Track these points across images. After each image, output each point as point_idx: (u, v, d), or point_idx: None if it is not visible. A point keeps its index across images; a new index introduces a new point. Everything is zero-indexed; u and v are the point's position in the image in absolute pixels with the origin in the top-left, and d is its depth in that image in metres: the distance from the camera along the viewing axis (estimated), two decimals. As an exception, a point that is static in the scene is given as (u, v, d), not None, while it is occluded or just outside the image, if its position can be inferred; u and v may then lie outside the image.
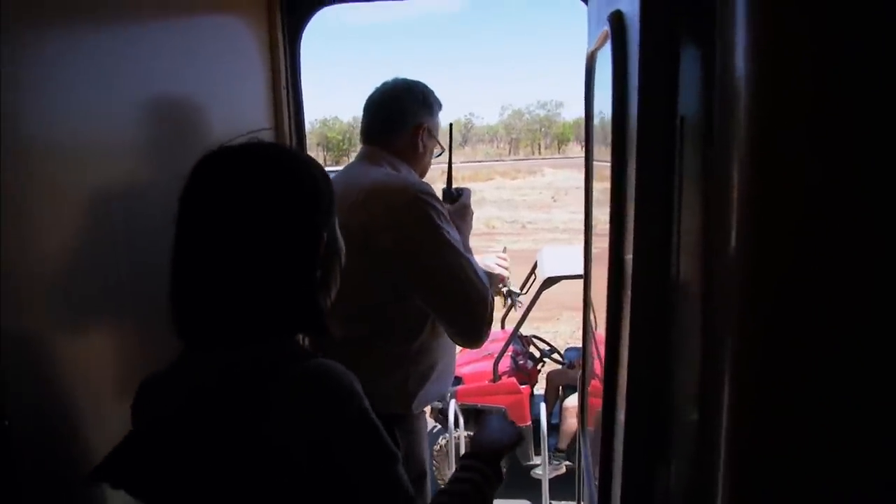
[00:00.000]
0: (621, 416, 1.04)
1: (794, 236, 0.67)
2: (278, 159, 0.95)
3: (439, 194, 1.68)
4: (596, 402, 1.33)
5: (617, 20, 0.91)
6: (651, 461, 0.99)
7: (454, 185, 1.77)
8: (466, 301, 1.50)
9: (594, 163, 1.57)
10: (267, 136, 1.71)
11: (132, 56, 1.20)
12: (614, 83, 0.91)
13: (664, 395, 0.95)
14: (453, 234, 1.53)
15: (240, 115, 1.62)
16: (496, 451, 1.11)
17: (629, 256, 0.96)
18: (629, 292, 0.93)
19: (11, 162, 0.89)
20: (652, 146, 0.83)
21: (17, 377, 0.91)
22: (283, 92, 1.74)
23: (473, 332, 1.54)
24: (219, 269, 0.88)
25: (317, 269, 0.93)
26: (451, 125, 1.76)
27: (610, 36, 0.92)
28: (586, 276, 1.80)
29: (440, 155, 1.77)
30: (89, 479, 0.92)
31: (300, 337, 1.09)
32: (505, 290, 1.84)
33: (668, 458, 0.96)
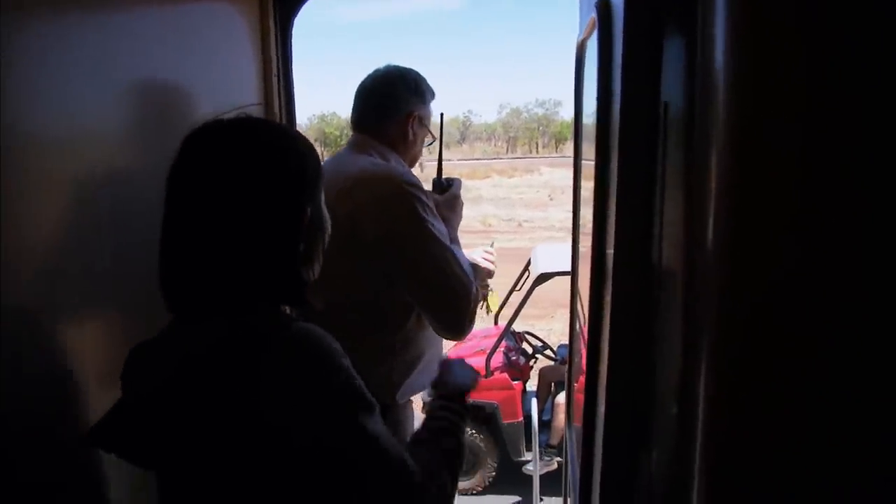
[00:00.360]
0: (602, 406, 1.04)
1: (772, 227, 0.67)
2: (263, 133, 0.98)
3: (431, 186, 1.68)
4: (582, 398, 1.33)
5: (604, 7, 0.91)
6: (631, 451, 0.99)
7: (444, 176, 1.77)
8: (450, 294, 1.50)
9: (582, 162, 1.57)
10: (256, 114, 1.72)
11: (122, 43, 1.20)
12: (599, 69, 0.92)
13: (645, 385, 0.95)
14: (439, 227, 1.52)
15: (231, 101, 1.61)
16: (461, 391, 1.21)
17: (611, 248, 0.96)
18: (610, 281, 0.93)
19: (2, 152, 0.89)
20: (635, 132, 0.84)
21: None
22: (274, 79, 1.74)
23: (456, 325, 1.54)
24: (204, 240, 0.91)
25: (300, 242, 0.95)
26: (441, 115, 1.74)
27: (597, 23, 0.93)
28: (573, 274, 1.81)
29: (430, 144, 1.76)
30: (83, 444, 0.96)
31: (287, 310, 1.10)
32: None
33: (649, 447, 0.96)
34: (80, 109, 1.10)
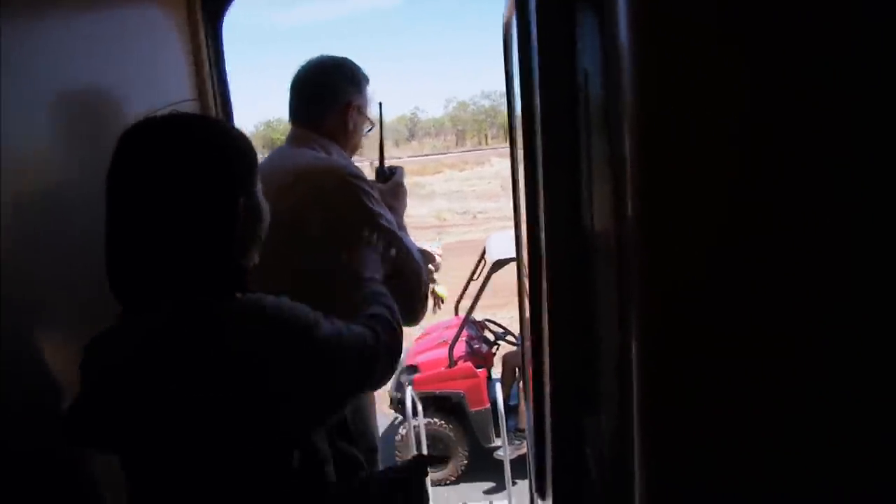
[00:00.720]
0: (548, 377, 1.07)
1: (683, 200, 0.69)
2: (193, 128, 1.03)
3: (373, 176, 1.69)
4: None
5: (520, -15, 0.94)
6: (578, 418, 1.03)
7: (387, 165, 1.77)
8: (402, 281, 1.51)
9: (518, 151, 1.59)
10: (191, 110, 1.70)
11: (47, 48, 1.18)
12: (519, 48, 0.95)
13: (586, 355, 0.99)
14: (386, 216, 1.53)
15: (163, 100, 1.59)
16: None
17: (543, 229, 0.99)
18: (544, 246, 0.97)
19: None
20: (555, 103, 0.87)
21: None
22: (207, 76, 1.72)
23: (411, 310, 1.56)
24: (144, 233, 0.96)
25: (235, 230, 0.99)
26: (380, 104, 1.74)
27: (515, 0, 0.95)
28: (519, 260, 1.85)
29: (370, 131, 1.75)
30: (58, 442, 1.00)
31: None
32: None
33: (597, 413, 1.00)
34: (6, 116, 1.08)
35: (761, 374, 0.71)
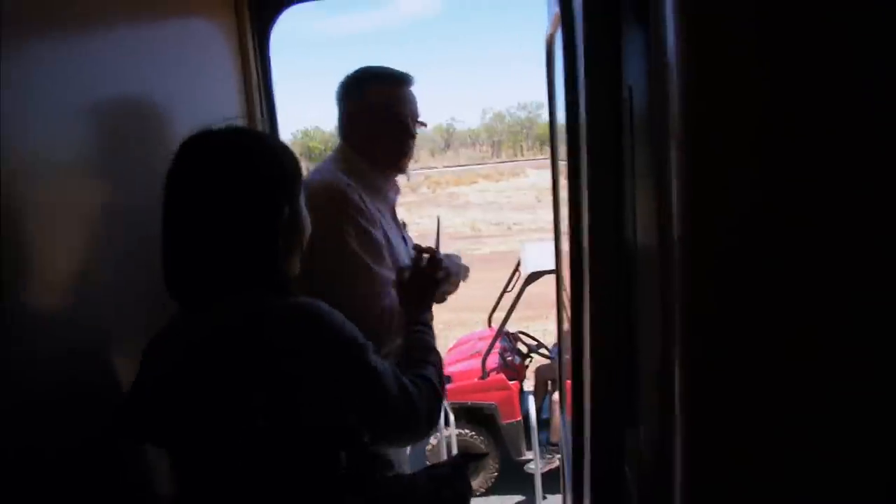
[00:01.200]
0: (588, 389, 1.07)
1: (730, 212, 0.69)
2: (245, 141, 1.10)
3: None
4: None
5: (566, 0, 0.95)
6: (618, 429, 1.03)
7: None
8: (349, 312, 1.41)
9: (559, 162, 1.59)
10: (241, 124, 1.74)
11: (100, 62, 1.22)
12: (565, 61, 0.96)
13: (627, 366, 0.99)
14: (365, 239, 1.49)
15: (213, 116, 1.64)
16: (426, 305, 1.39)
17: (587, 241, 0.99)
18: (587, 258, 0.97)
19: None
20: (601, 118, 0.87)
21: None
22: (255, 92, 1.76)
23: None
24: (196, 237, 1.03)
25: (278, 237, 1.06)
26: (438, 218, 1.65)
27: (560, 16, 0.97)
28: (558, 272, 1.84)
29: (402, 129, 1.63)
30: (105, 433, 1.05)
31: None
32: None
33: (636, 424, 1.00)
34: (60, 129, 1.11)
35: (805, 389, 0.71)
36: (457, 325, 8.89)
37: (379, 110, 1.61)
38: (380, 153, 1.63)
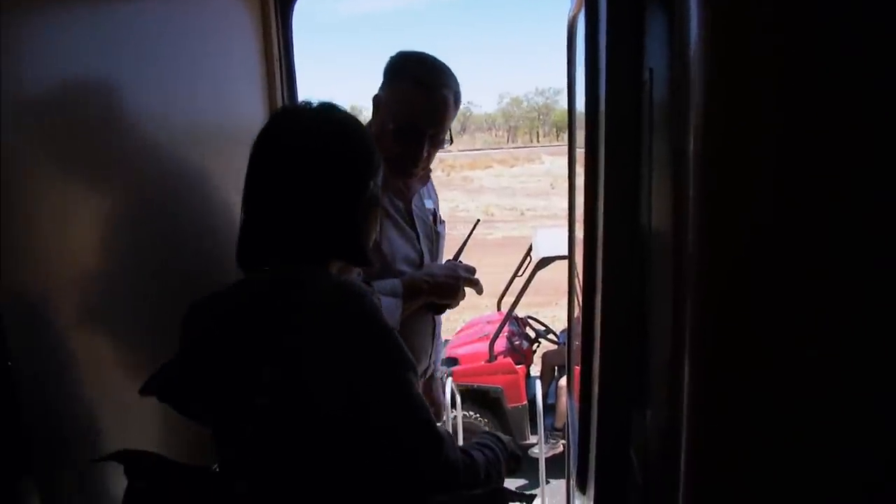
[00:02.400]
0: (597, 371, 1.07)
1: (749, 205, 0.69)
2: (340, 116, 1.12)
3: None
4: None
5: (589, -19, 0.94)
6: (625, 411, 1.03)
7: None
8: None
9: (577, 150, 1.58)
10: (261, 107, 1.75)
11: (124, 37, 1.23)
12: (587, 42, 0.95)
13: (637, 351, 0.99)
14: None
15: (234, 89, 1.64)
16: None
17: (601, 228, 0.99)
18: (601, 244, 0.97)
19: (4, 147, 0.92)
20: (620, 97, 0.87)
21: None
22: (276, 67, 1.76)
23: None
24: (287, 199, 1.05)
25: (361, 210, 1.09)
26: (476, 222, 1.68)
27: (583, -3, 0.96)
28: (570, 259, 1.84)
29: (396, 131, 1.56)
30: (141, 394, 1.04)
31: None
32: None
33: (643, 408, 1.00)
34: (84, 99, 1.13)
35: (814, 383, 0.71)
36: (468, 308, 8.90)
37: (392, 108, 1.58)
38: (385, 151, 1.57)
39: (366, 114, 1.71)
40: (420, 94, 1.55)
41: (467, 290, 1.71)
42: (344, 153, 1.08)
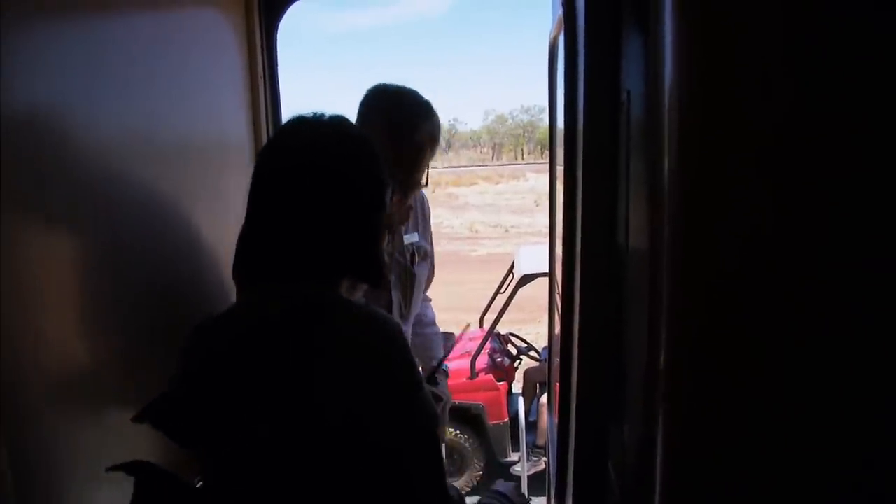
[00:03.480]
0: (574, 385, 1.09)
1: (719, 217, 0.71)
2: (353, 130, 1.08)
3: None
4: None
5: (569, 4, 0.97)
6: (602, 425, 1.04)
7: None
8: None
9: (558, 167, 1.60)
10: (245, 123, 1.75)
11: (110, 50, 1.23)
12: (566, 64, 0.97)
13: (614, 366, 1.00)
14: None
15: (217, 106, 1.65)
16: None
17: (579, 242, 1.01)
18: (579, 260, 0.98)
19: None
20: (598, 117, 0.89)
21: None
22: (261, 84, 1.77)
23: None
24: (300, 212, 0.97)
25: (379, 224, 1.04)
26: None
27: (563, 20, 0.98)
28: (551, 276, 1.86)
29: None
30: (134, 421, 0.98)
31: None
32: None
33: (621, 421, 1.01)
34: (70, 113, 1.12)
35: (790, 391, 0.72)
36: (452, 325, 8.90)
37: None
38: None
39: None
40: (393, 141, 1.49)
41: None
42: (366, 165, 1.03)
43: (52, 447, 1.08)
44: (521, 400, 4.96)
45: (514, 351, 5.63)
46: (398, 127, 1.52)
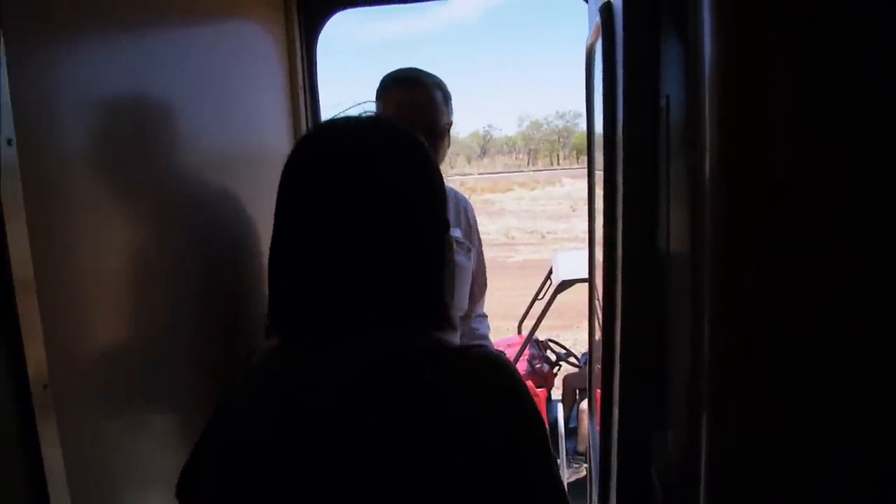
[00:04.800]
0: (617, 392, 1.08)
1: (765, 219, 0.70)
2: (413, 147, 0.83)
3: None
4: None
5: (607, 10, 0.97)
6: (645, 432, 1.04)
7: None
8: None
9: (596, 172, 1.61)
10: (285, 132, 1.78)
11: (151, 59, 1.27)
12: (604, 71, 0.97)
13: (657, 371, 1.00)
14: None
15: (258, 116, 1.68)
16: None
17: (620, 249, 1.00)
18: (620, 266, 0.98)
19: (35, 166, 0.95)
20: (637, 126, 0.89)
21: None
22: (301, 93, 1.81)
23: None
24: (355, 249, 0.78)
25: (444, 255, 0.84)
26: None
27: (601, 26, 0.98)
28: (591, 282, 1.85)
29: None
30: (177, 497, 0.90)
31: None
32: None
33: (664, 427, 1.00)
34: (110, 126, 1.16)
35: (836, 396, 0.71)
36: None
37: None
38: None
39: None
40: (401, 91, 1.61)
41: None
42: (429, 183, 0.82)
43: (106, 451, 1.11)
44: (560, 406, 4.91)
45: (553, 357, 5.59)
46: (402, 82, 1.62)
